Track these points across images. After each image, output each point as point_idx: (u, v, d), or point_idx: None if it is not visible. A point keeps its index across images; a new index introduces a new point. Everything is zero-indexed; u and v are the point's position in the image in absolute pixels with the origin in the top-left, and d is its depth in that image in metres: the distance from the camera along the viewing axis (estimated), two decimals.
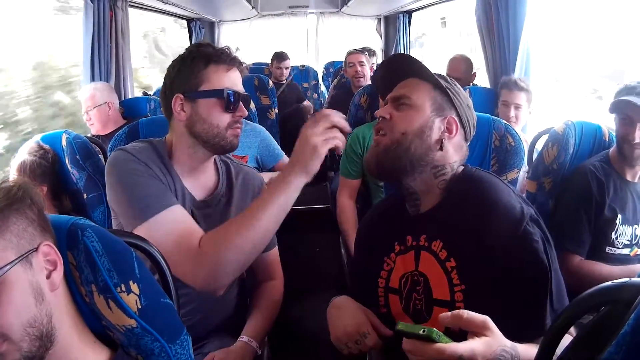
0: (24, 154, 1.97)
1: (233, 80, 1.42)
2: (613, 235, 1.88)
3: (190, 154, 1.44)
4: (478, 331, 0.92)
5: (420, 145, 1.24)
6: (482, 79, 3.49)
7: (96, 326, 0.91)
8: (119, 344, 0.92)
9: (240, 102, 1.42)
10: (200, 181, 1.50)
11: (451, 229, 1.19)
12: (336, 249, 2.75)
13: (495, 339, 0.92)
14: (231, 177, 1.57)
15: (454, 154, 1.28)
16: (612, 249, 1.90)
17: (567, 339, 1.02)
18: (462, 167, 1.30)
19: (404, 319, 1.25)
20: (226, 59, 1.41)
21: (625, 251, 1.91)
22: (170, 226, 1.26)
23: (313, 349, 1.38)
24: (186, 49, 1.45)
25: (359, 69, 3.92)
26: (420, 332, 0.88)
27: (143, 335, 0.89)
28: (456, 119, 1.29)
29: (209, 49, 1.41)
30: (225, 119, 1.41)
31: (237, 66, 1.45)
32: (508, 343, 0.94)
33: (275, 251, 1.66)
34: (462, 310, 0.93)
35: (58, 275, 0.82)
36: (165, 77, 1.45)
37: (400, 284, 1.27)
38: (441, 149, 1.25)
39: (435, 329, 0.88)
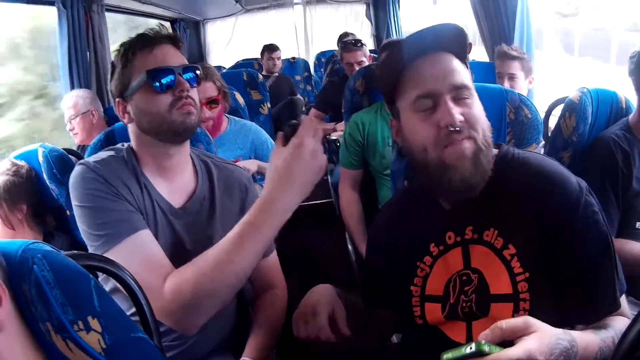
0: None
1: (159, 57, 1.25)
2: None
3: (153, 153, 1.30)
4: (524, 333, 0.84)
5: (491, 138, 1.09)
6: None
7: None
8: None
9: (178, 76, 1.24)
10: (176, 185, 1.34)
11: (504, 213, 1.07)
12: (342, 246, 2.61)
13: (544, 331, 0.85)
14: (212, 178, 1.40)
15: None
16: None
17: (620, 321, 1.01)
18: (495, 147, 1.16)
19: (448, 326, 1.11)
20: (146, 40, 1.26)
21: None
22: (132, 256, 1.11)
23: (322, 354, 1.25)
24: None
25: (357, 69, 3.47)
26: (468, 350, 0.80)
27: None
28: None
29: (131, 40, 1.27)
30: (163, 100, 1.24)
31: (162, 41, 1.27)
32: (559, 331, 0.88)
33: (274, 256, 1.48)
34: (499, 321, 0.84)
35: (4, 312, 0.67)
36: None
37: (446, 290, 1.12)
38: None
39: (482, 340, 0.81)
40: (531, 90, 2.69)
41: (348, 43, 3.65)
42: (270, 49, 5.31)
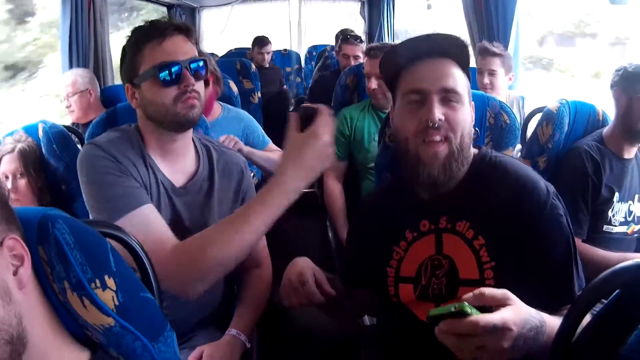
0: (12, 142, 1.86)
1: (168, 50, 1.28)
2: (610, 214, 1.88)
3: (157, 137, 1.37)
4: (501, 303, 0.92)
5: (469, 144, 1.20)
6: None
7: (73, 326, 0.83)
8: (98, 344, 0.85)
9: (184, 71, 1.28)
10: (179, 166, 1.41)
11: (477, 208, 1.18)
12: (323, 233, 2.70)
13: (519, 305, 0.93)
14: (212, 162, 1.47)
15: None
16: (610, 227, 1.89)
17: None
18: (476, 148, 1.27)
19: (418, 307, 1.21)
20: (156, 31, 1.29)
21: (622, 229, 1.91)
22: (138, 228, 1.17)
23: (302, 337, 1.34)
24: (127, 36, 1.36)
25: (353, 63, 3.61)
26: (452, 309, 0.87)
27: (123, 335, 0.81)
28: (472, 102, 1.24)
29: (143, 28, 1.31)
30: (168, 94, 1.28)
31: (173, 33, 1.30)
32: (532, 310, 0.96)
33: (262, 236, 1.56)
34: (482, 288, 0.93)
35: (26, 271, 0.74)
36: None
37: (418, 272, 1.23)
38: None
39: (465, 302, 0.87)
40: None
41: (350, 37, 3.87)
42: (260, 43, 5.23)
